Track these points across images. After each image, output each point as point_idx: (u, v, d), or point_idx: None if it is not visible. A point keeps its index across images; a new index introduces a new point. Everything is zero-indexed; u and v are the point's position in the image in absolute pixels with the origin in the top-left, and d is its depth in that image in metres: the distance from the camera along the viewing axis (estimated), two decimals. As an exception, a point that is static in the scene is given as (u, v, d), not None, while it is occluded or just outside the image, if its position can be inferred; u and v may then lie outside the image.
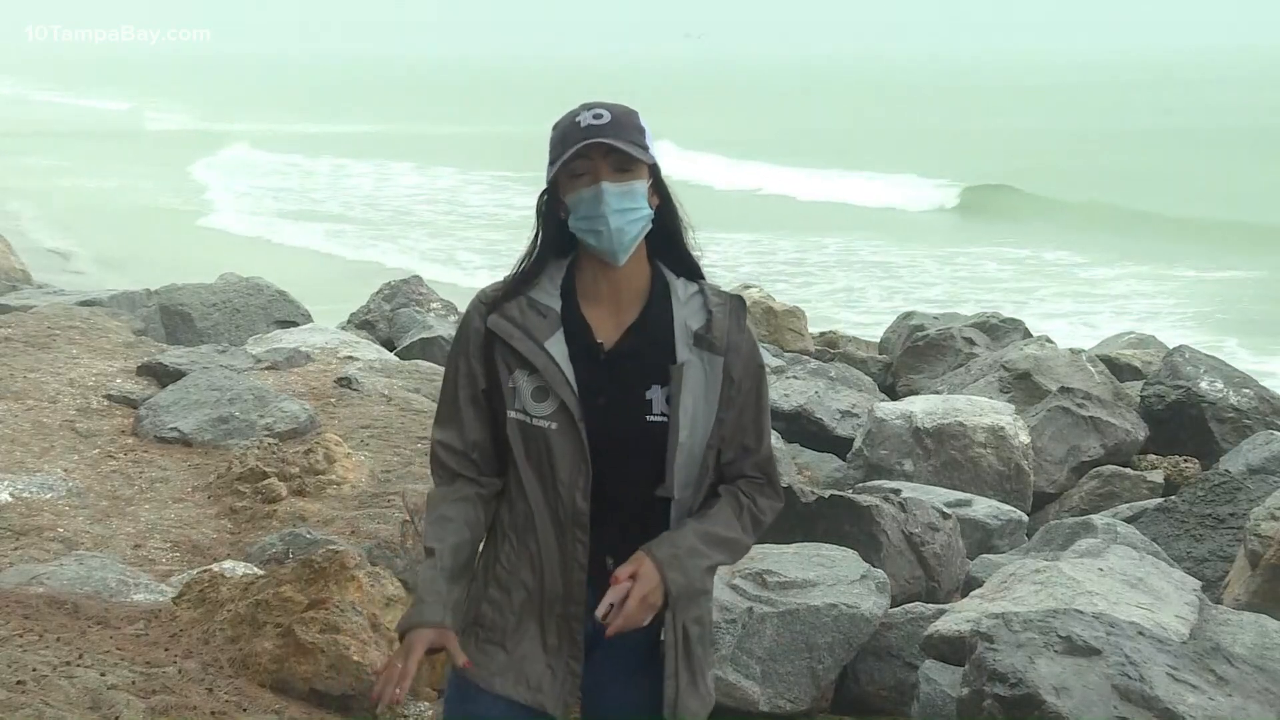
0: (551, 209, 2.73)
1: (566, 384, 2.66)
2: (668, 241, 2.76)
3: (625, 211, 2.64)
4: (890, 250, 27.36)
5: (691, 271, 2.79)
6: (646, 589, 2.62)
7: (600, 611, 2.62)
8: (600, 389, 2.68)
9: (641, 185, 2.67)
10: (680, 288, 2.76)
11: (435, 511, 2.77)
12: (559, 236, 2.73)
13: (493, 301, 2.74)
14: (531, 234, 2.77)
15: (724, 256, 24.33)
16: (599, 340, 2.71)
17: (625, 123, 2.65)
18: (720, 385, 2.70)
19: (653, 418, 2.68)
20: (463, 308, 3.06)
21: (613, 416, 2.68)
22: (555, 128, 2.69)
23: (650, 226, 2.70)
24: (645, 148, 2.66)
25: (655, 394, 2.68)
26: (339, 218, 32.01)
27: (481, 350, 2.72)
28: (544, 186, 2.74)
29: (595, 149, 2.63)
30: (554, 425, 2.67)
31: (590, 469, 2.66)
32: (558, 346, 2.68)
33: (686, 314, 2.73)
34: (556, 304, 2.72)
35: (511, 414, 2.69)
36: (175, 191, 34.89)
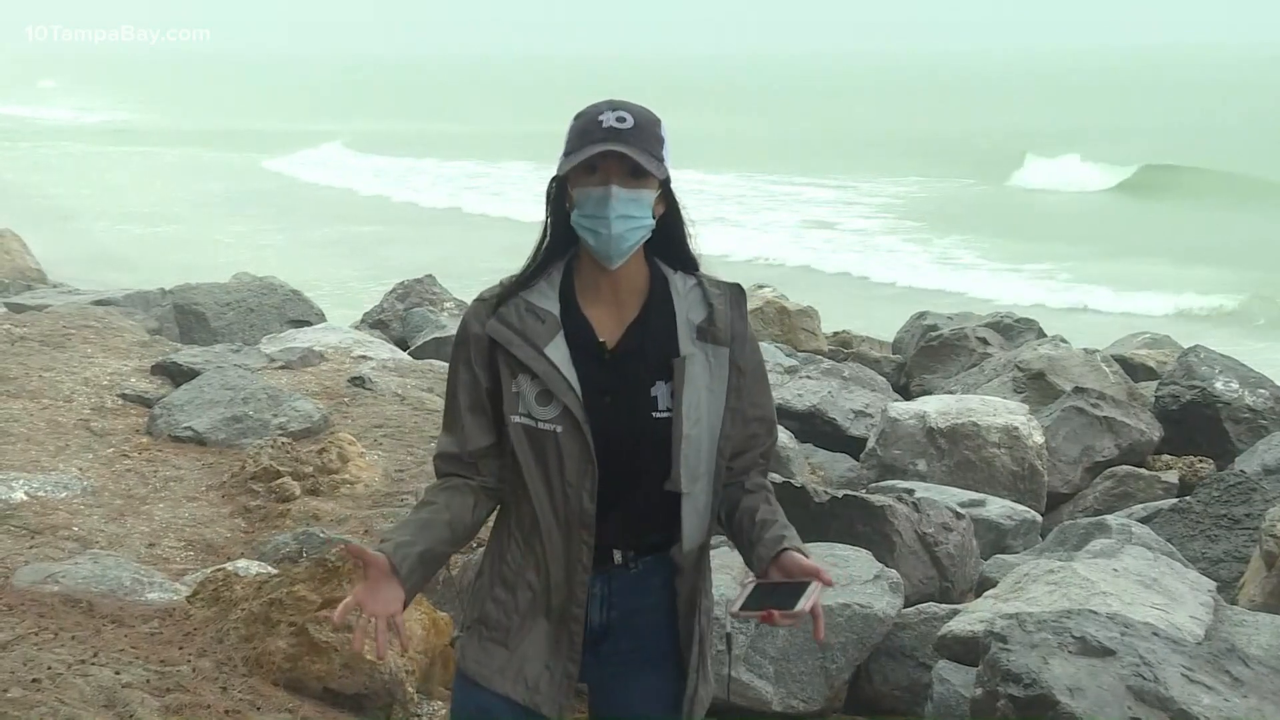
0: (559, 199, 2.73)
1: (569, 389, 2.65)
2: (668, 242, 2.75)
3: (628, 218, 2.63)
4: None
5: (688, 265, 2.77)
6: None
7: (805, 607, 2.64)
8: (605, 389, 2.67)
9: (650, 195, 2.65)
10: (679, 281, 2.75)
11: (421, 499, 2.85)
12: (566, 227, 2.72)
13: (491, 306, 2.73)
14: (541, 224, 2.76)
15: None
16: (602, 339, 2.70)
17: (646, 131, 2.62)
18: (728, 376, 2.70)
19: (658, 414, 2.67)
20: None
21: (619, 415, 2.67)
22: (577, 118, 2.67)
23: (649, 235, 2.69)
24: (661, 159, 2.64)
25: (660, 390, 2.68)
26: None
27: (484, 355, 2.72)
28: (554, 174, 2.72)
29: (611, 153, 2.61)
30: (559, 428, 2.65)
31: (596, 470, 2.66)
32: (558, 351, 2.67)
33: (687, 307, 2.72)
34: (555, 307, 2.70)
35: (516, 419, 2.68)
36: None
